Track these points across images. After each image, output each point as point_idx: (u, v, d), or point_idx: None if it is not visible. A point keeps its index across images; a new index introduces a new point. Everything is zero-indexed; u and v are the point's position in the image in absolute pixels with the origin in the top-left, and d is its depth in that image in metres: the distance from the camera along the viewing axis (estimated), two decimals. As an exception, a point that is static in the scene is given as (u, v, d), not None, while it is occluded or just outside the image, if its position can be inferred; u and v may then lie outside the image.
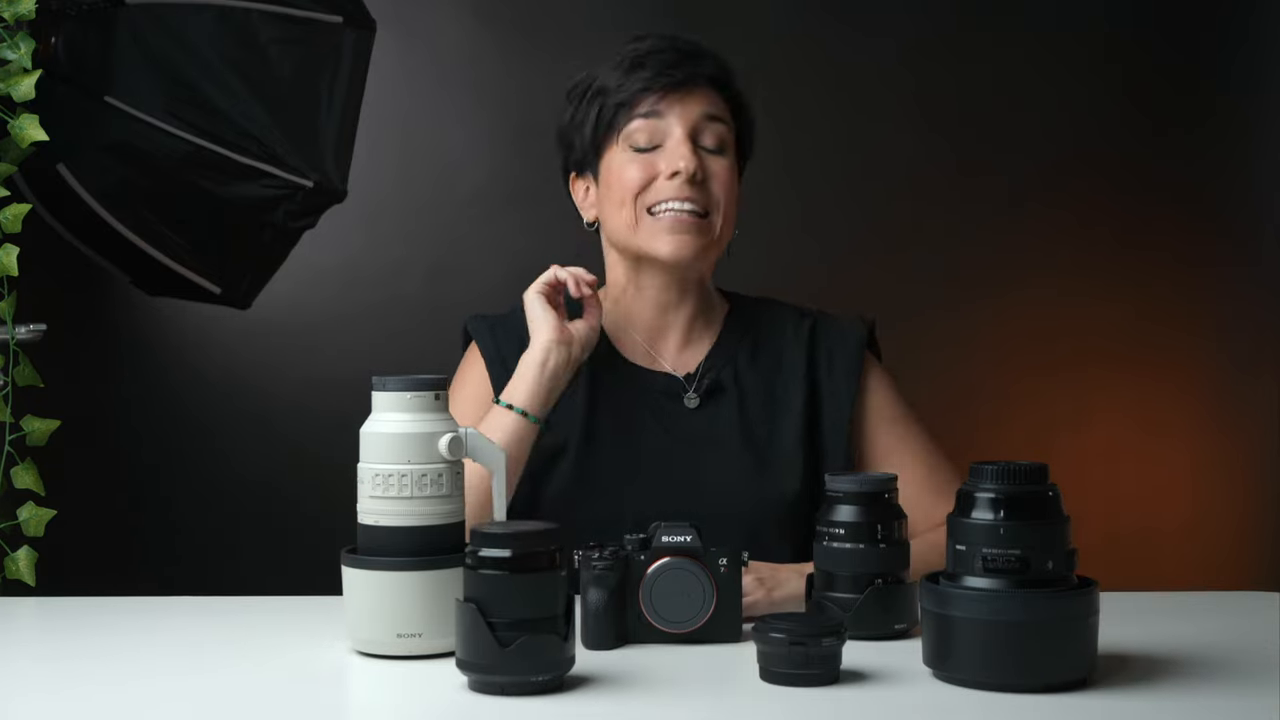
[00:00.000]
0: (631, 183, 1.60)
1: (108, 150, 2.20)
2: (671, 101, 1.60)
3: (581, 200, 1.70)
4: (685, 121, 1.60)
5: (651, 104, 1.60)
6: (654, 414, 1.63)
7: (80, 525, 2.32)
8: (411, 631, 1.25)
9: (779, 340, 1.68)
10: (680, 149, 1.59)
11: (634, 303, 1.67)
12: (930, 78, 3.52)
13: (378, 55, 2.44)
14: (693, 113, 1.61)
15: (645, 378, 1.65)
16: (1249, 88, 3.55)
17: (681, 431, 1.62)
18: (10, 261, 1.78)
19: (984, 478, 1.15)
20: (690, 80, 1.61)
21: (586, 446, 1.62)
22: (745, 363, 1.66)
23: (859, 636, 1.30)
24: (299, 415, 3.32)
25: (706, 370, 1.66)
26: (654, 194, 1.60)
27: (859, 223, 3.51)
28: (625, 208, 1.61)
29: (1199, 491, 3.55)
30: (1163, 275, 3.55)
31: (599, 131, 1.63)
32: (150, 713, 1.14)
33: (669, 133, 1.60)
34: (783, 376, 1.66)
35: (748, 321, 1.70)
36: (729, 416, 1.63)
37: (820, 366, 1.67)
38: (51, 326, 1.85)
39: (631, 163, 1.61)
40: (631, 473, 1.60)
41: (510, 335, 1.67)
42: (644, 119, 1.60)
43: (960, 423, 3.20)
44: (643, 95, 1.60)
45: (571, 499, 1.59)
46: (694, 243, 1.59)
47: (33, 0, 1.84)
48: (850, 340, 1.68)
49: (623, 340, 1.67)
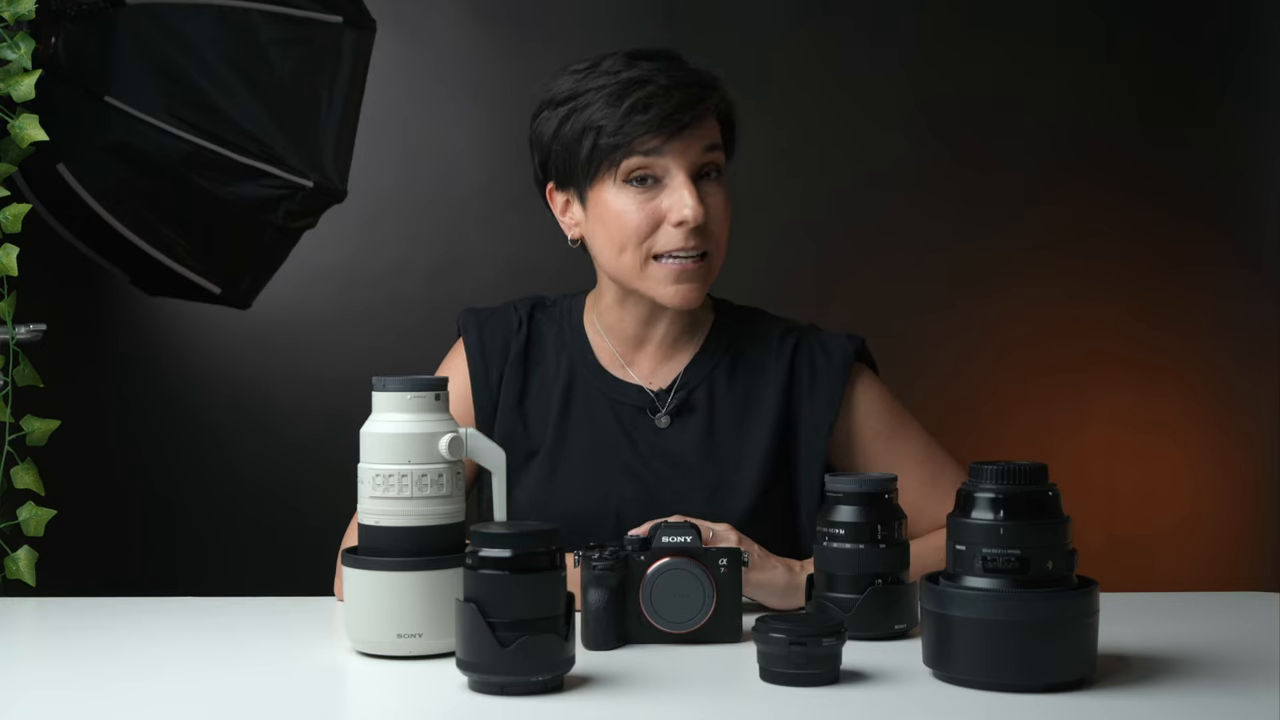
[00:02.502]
0: (634, 228, 1.54)
1: (108, 150, 2.20)
2: (673, 141, 1.52)
3: (562, 214, 1.63)
4: (687, 162, 1.53)
5: (652, 144, 1.52)
6: (623, 426, 1.62)
7: (80, 525, 2.32)
8: (411, 631, 1.25)
9: (760, 355, 1.65)
10: (684, 194, 1.52)
11: (615, 317, 1.64)
12: (931, 79, 3.52)
13: (378, 55, 2.44)
14: (694, 151, 1.53)
15: (618, 388, 1.64)
16: (1249, 88, 3.55)
17: (647, 447, 1.61)
18: (10, 261, 1.78)
19: (984, 478, 1.15)
20: (695, 123, 1.53)
21: (556, 452, 1.61)
22: (722, 378, 1.64)
23: (859, 636, 1.30)
24: (299, 415, 3.32)
25: (680, 386, 1.64)
26: (659, 243, 1.54)
27: (859, 223, 3.51)
28: (627, 252, 1.55)
29: (1198, 491, 3.55)
30: (1162, 275, 3.55)
31: (591, 164, 1.55)
32: (150, 712, 1.14)
33: (669, 172, 1.53)
34: (757, 396, 1.63)
35: (731, 334, 1.66)
36: (695, 435, 1.61)
37: (801, 383, 1.63)
38: (51, 326, 1.85)
39: (631, 203, 1.54)
40: (597, 482, 1.60)
41: (496, 330, 1.67)
42: (643, 156, 1.52)
43: (960, 423, 3.20)
44: (643, 139, 1.52)
45: (536, 503, 1.59)
46: (698, 289, 1.56)
47: (33, 0, 1.84)
48: (835, 357, 1.64)
49: (601, 347, 1.66)
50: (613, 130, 1.51)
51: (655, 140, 1.51)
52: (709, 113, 1.54)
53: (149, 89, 2.21)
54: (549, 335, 1.67)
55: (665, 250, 1.54)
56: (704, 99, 1.53)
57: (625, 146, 1.52)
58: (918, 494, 1.58)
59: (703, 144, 1.54)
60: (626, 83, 1.52)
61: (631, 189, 1.54)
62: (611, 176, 1.54)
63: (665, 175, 1.53)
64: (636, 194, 1.54)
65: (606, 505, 1.58)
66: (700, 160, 1.54)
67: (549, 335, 1.67)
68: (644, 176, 1.53)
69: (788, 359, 1.64)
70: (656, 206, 1.53)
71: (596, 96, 1.53)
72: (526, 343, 1.66)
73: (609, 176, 1.54)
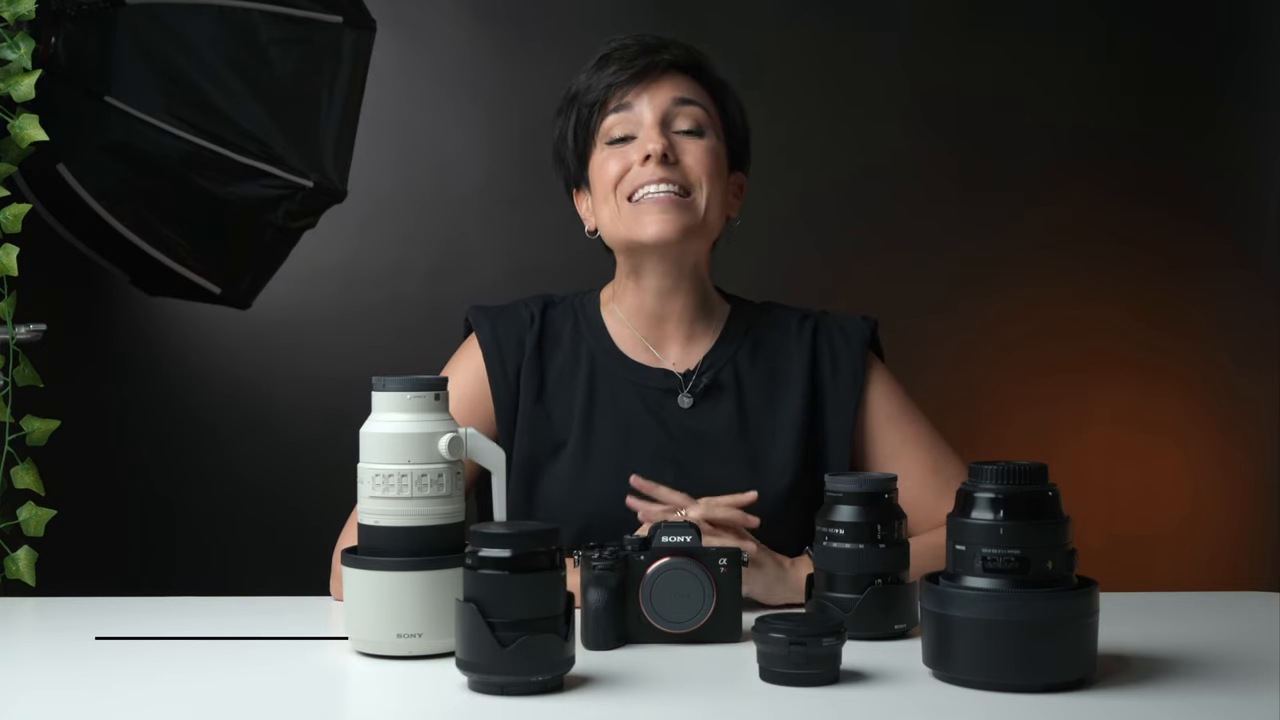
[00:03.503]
0: (610, 176, 1.62)
1: (108, 150, 2.20)
2: (639, 92, 1.62)
3: (584, 212, 1.71)
4: (655, 108, 1.61)
5: (620, 97, 1.62)
6: (651, 411, 1.63)
7: (80, 525, 2.32)
8: (411, 631, 1.25)
9: (781, 339, 1.68)
10: (649, 133, 1.60)
11: (634, 296, 1.67)
12: (931, 78, 3.52)
13: (378, 55, 2.44)
14: (662, 99, 1.62)
15: (643, 374, 1.65)
16: (1249, 88, 3.55)
17: (677, 429, 1.63)
18: (10, 261, 1.78)
19: (984, 478, 1.15)
20: (653, 68, 1.62)
21: (585, 442, 1.62)
22: (745, 361, 1.66)
23: (859, 636, 1.30)
24: (299, 415, 3.32)
25: (705, 369, 1.66)
26: (630, 181, 1.61)
27: (859, 222, 3.51)
28: (608, 201, 1.62)
29: (1198, 492, 3.55)
30: (1162, 275, 3.55)
31: (580, 137, 1.66)
32: (150, 712, 1.14)
33: (640, 121, 1.62)
34: (783, 375, 1.66)
35: (750, 321, 1.70)
36: (724, 415, 1.63)
37: (823, 366, 1.67)
38: (51, 326, 1.85)
39: (610, 158, 1.63)
40: (631, 467, 1.60)
41: (510, 325, 1.68)
42: (616, 114, 1.62)
43: (960, 423, 3.19)
44: (611, 90, 1.62)
45: (568, 494, 1.60)
46: (677, 220, 1.59)
47: (33, 0, 1.84)
48: (854, 340, 1.68)
49: (623, 336, 1.68)
50: (585, 89, 1.64)
51: (622, 92, 1.62)
52: (664, 63, 1.63)
53: (149, 89, 2.21)
54: (564, 328, 1.69)
55: (636, 186, 1.60)
56: (662, 49, 1.63)
57: (600, 104, 1.63)
58: (920, 479, 1.61)
59: (671, 94, 1.63)
60: (601, 57, 1.65)
61: (611, 148, 1.63)
62: (596, 143, 1.64)
63: (639, 124, 1.62)
64: (614, 150, 1.63)
65: (635, 493, 1.58)
66: (670, 109, 1.62)
67: (564, 328, 1.69)
68: (622, 136, 1.63)
69: (809, 340, 1.68)
70: (629, 153, 1.62)
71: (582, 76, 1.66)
72: (540, 336, 1.68)
73: (595, 145, 1.64)
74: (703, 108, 1.64)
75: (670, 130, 1.62)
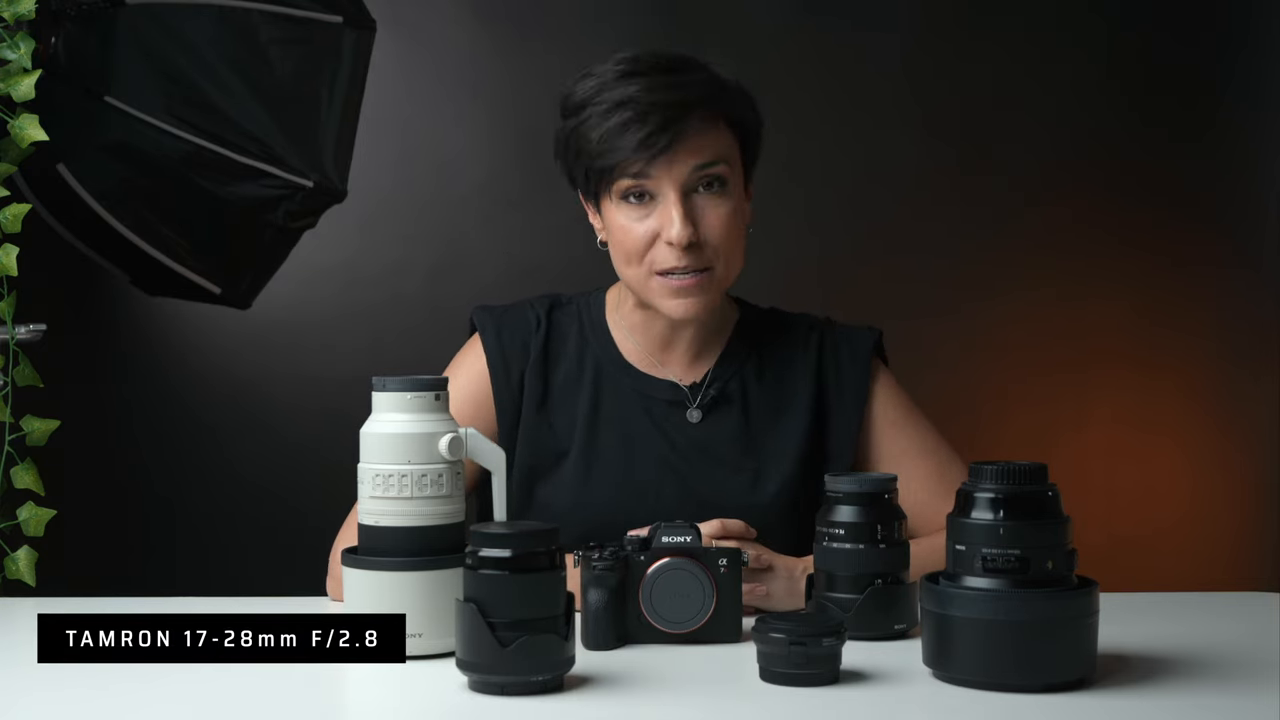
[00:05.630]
0: (634, 245, 1.55)
1: (108, 150, 2.20)
2: (657, 162, 1.51)
3: (595, 224, 1.65)
4: (675, 181, 1.52)
5: (636, 167, 1.52)
6: (657, 423, 1.63)
7: (80, 525, 2.32)
8: (411, 631, 1.25)
9: (787, 349, 1.67)
10: (671, 214, 1.52)
11: (644, 320, 1.65)
12: (931, 79, 3.52)
13: (378, 55, 2.44)
14: (681, 170, 1.52)
15: (650, 385, 1.64)
16: (1249, 88, 3.55)
17: (683, 443, 1.62)
18: (10, 261, 1.78)
19: (984, 478, 1.15)
20: (677, 141, 1.51)
21: (588, 451, 1.62)
22: (752, 374, 1.65)
23: (859, 636, 1.30)
24: (299, 415, 3.32)
25: (712, 381, 1.65)
26: (656, 260, 1.55)
27: (860, 224, 3.51)
28: (632, 266, 1.57)
29: (1198, 491, 3.55)
30: (1162, 275, 3.55)
31: (590, 184, 1.57)
32: (150, 713, 1.14)
33: (660, 192, 1.53)
34: (790, 385, 1.65)
35: (757, 330, 1.69)
36: (730, 428, 1.63)
37: (829, 375, 1.66)
38: (51, 326, 1.85)
39: (630, 220, 1.55)
40: (634, 478, 1.60)
41: (515, 329, 1.67)
42: (632, 179, 1.53)
43: (960, 423, 3.18)
44: (627, 165, 1.52)
45: (570, 502, 1.59)
46: (699, 302, 1.56)
47: (33, 0, 1.84)
48: (859, 350, 1.67)
49: (629, 346, 1.67)
50: (598, 154, 1.53)
51: (638, 163, 1.51)
52: (693, 130, 1.52)
53: (149, 89, 2.20)
54: (570, 334, 1.67)
55: (663, 268, 1.55)
56: (682, 118, 1.51)
57: (611, 171, 1.53)
58: (924, 485, 1.61)
59: (692, 162, 1.53)
60: (612, 105, 1.52)
61: (629, 205, 1.56)
62: (610, 195, 1.56)
63: (658, 191, 1.54)
64: (633, 210, 1.55)
65: (645, 500, 1.58)
66: (690, 178, 1.53)
67: (570, 334, 1.67)
68: (640, 193, 1.54)
69: (815, 351, 1.67)
70: (652, 223, 1.54)
71: (591, 114, 1.54)
72: (546, 342, 1.66)
73: (608, 195, 1.57)
74: (724, 161, 1.55)
75: (691, 195, 1.53)
